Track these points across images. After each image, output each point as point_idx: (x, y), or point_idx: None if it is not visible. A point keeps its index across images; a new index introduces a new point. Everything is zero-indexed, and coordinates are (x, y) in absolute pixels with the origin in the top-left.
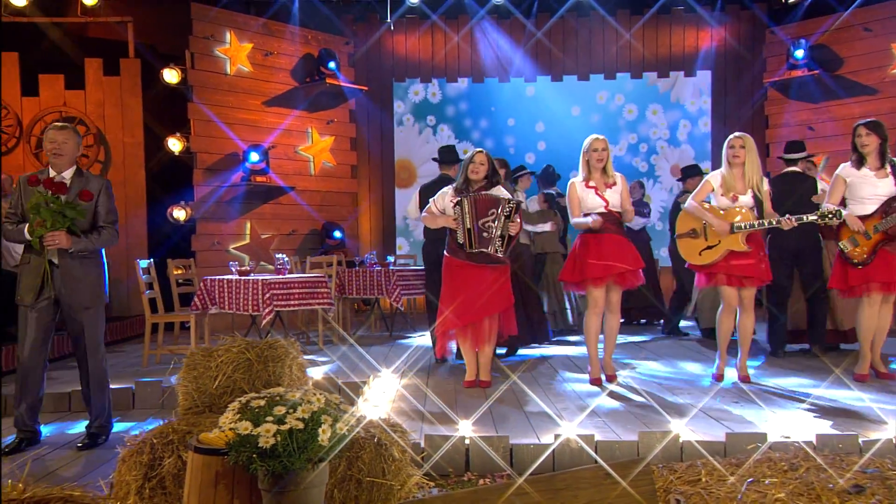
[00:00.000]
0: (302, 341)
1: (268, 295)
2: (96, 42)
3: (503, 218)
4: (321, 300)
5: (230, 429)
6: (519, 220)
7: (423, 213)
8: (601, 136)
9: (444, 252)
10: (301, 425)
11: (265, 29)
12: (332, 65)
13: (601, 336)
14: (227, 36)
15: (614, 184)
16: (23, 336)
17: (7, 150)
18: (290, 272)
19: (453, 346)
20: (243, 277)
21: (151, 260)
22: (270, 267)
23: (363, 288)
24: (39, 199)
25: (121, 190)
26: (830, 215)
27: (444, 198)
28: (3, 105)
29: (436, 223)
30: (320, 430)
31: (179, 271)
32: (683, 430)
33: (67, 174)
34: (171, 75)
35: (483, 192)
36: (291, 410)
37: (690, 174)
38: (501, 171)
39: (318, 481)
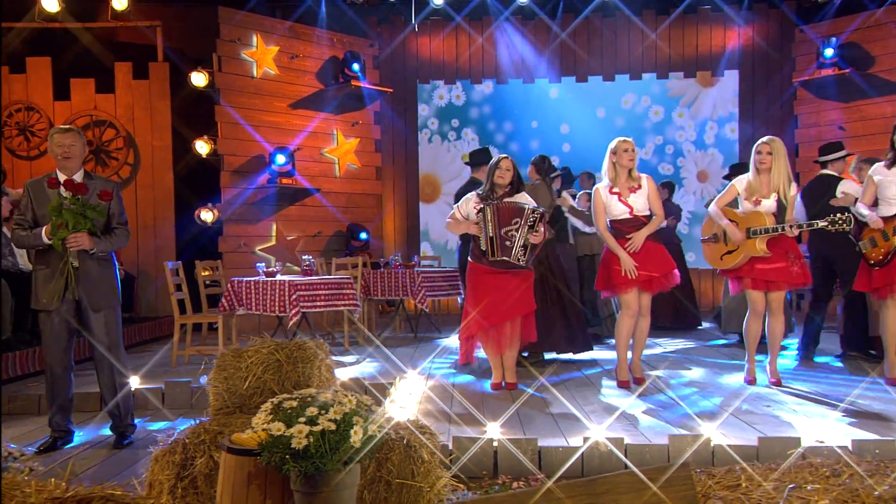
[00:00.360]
0: (328, 342)
1: (294, 296)
2: (125, 46)
3: (526, 227)
4: (347, 301)
5: (263, 429)
6: (542, 229)
7: (448, 219)
8: (628, 138)
9: (468, 258)
10: (333, 426)
11: (291, 32)
12: (356, 67)
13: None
14: (254, 39)
15: (639, 187)
16: (47, 341)
17: (39, 153)
18: (316, 273)
19: (479, 353)
20: (270, 279)
21: (180, 262)
22: (296, 268)
23: (388, 289)
24: (61, 201)
25: (149, 192)
26: (840, 221)
27: (469, 203)
28: (36, 109)
29: (459, 229)
30: (352, 432)
31: (207, 273)
32: (715, 433)
33: (77, 177)
34: (198, 78)
35: (506, 200)
36: (323, 411)
37: (740, 172)
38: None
39: (350, 482)
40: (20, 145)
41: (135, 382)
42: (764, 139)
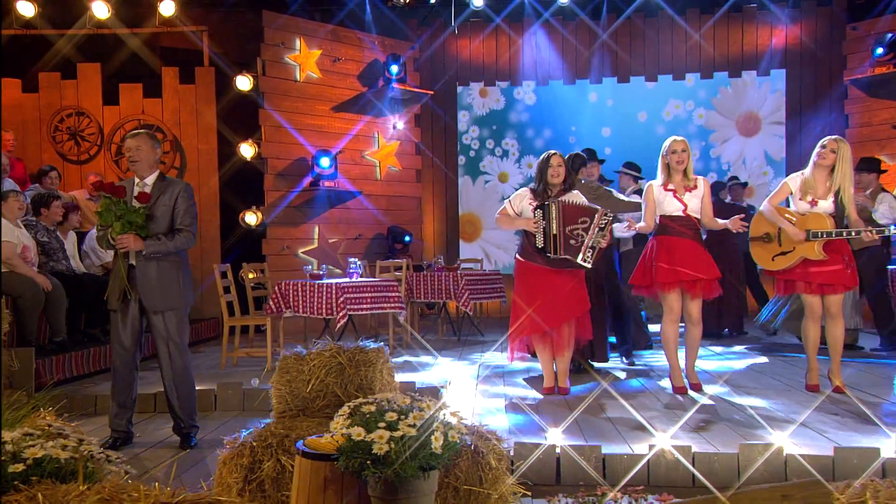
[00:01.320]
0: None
1: (342, 299)
2: (172, 51)
3: (597, 229)
4: (393, 304)
5: (342, 434)
6: (610, 233)
7: (497, 215)
8: (681, 138)
9: (518, 256)
10: (414, 432)
11: (333, 35)
12: (395, 69)
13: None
14: (297, 43)
15: (695, 188)
16: (113, 339)
17: (89, 157)
18: (362, 276)
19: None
20: (316, 281)
21: (228, 264)
22: (338, 271)
23: (431, 292)
24: (104, 204)
25: (195, 195)
26: None
27: (523, 199)
28: (86, 114)
29: (513, 225)
30: (433, 438)
31: (254, 275)
32: (786, 442)
33: (150, 179)
34: (244, 82)
35: (570, 200)
36: (403, 417)
37: (867, 168)
38: (595, 166)
39: (429, 489)
40: (71, 150)
41: None
42: (833, 137)
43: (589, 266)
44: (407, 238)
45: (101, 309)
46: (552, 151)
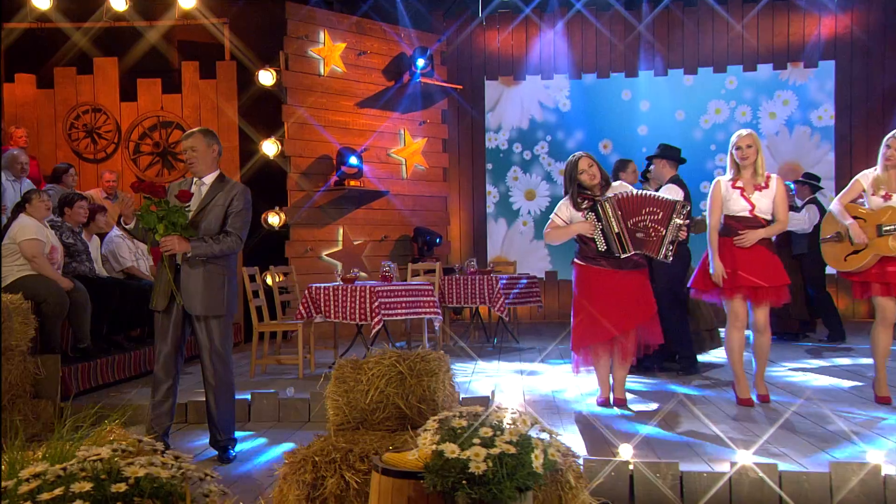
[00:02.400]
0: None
1: (376, 303)
2: (192, 45)
3: (674, 222)
4: (429, 309)
5: (432, 451)
6: (689, 226)
7: (547, 229)
8: (748, 131)
9: (576, 260)
10: (512, 449)
11: (358, 27)
12: (421, 62)
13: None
14: (321, 36)
15: (766, 186)
16: (155, 343)
17: (106, 155)
18: (356, 279)
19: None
20: (349, 285)
21: (257, 267)
22: (363, 274)
23: (464, 296)
24: (145, 206)
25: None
26: None
27: (569, 208)
28: (103, 110)
29: (568, 233)
30: (533, 456)
31: (280, 278)
32: (882, 461)
33: (208, 179)
34: (266, 77)
35: (625, 193)
36: (499, 433)
37: (810, 182)
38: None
39: None
40: (87, 147)
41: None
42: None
43: (669, 261)
44: (438, 240)
45: (125, 315)
46: (579, 154)
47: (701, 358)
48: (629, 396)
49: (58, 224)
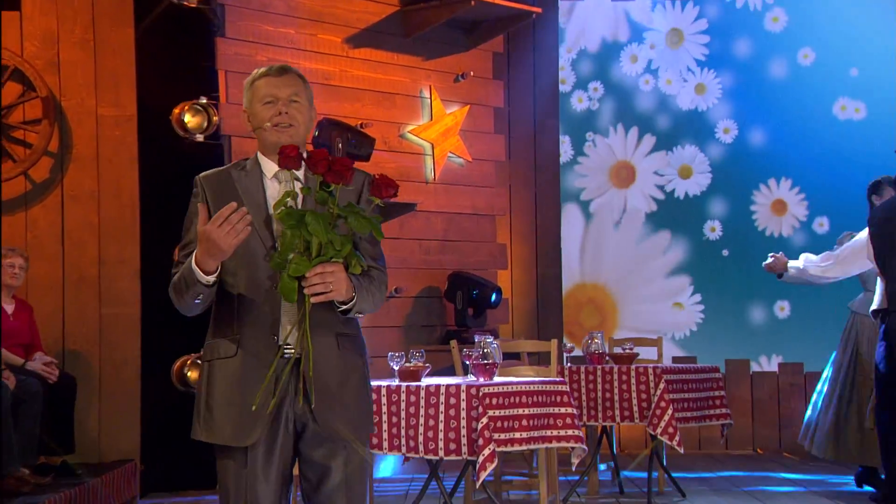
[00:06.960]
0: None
1: (484, 420)
2: None
3: None
4: (566, 431)
5: None
6: None
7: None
8: None
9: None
10: None
11: None
12: None
13: None
14: None
15: None
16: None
17: None
18: (422, 371)
19: None
20: (415, 384)
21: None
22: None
23: (587, 404)
24: (288, 195)
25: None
26: None
27: None
28: None
29: None
30: None
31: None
32: None
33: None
34: None
35: None
36: None
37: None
38: None
39: None
40: None
41: None
42: None
43: None
44: (493, 297)
45: None
46: None
47: None
48: None
49: None
